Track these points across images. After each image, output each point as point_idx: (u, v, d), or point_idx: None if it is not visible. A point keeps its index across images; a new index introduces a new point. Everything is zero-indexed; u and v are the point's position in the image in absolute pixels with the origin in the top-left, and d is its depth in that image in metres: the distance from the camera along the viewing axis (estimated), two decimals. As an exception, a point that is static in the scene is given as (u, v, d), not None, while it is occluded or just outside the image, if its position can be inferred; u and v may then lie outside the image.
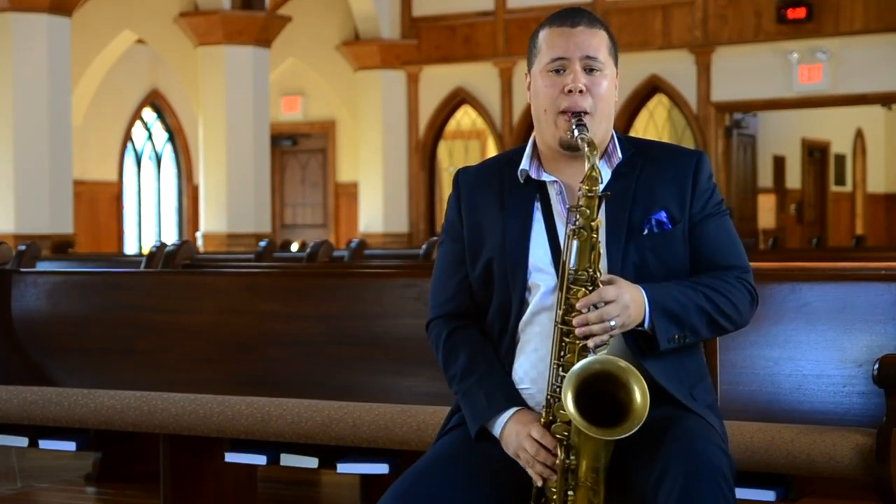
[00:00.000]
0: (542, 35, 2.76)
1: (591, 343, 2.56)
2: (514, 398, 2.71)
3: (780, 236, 15.15)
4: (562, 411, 2.55)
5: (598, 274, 2.59)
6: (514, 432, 2.64)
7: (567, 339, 2.59)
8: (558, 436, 2.58)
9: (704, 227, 2.74)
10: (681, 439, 2.53)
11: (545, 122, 2.73)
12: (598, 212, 2.60)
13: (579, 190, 2.61)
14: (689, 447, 2.51)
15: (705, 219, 2.75)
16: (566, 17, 2.74)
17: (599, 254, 2.60)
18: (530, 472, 2.61)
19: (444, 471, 2.63)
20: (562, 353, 2.60)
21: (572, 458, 2.57)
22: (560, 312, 2.61)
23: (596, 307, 2.55)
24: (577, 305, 2.57)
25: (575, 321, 2.57)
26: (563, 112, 2.69)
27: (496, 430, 2.69)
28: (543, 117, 2.73)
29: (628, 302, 2.57)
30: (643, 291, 2.61)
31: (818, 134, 18.71)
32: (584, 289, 2.58)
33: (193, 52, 13.97)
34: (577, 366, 2.53)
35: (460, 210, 2.83)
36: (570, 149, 2.70)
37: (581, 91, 2.68)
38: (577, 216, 2.60)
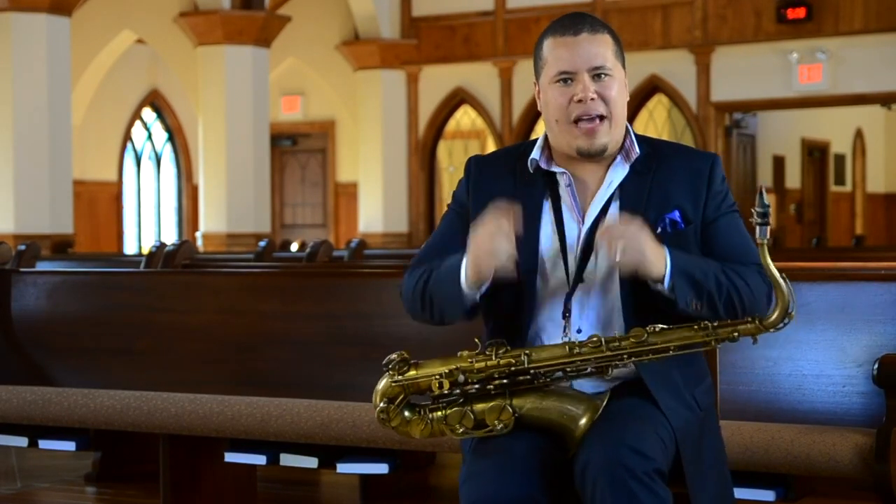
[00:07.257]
0: (546, 46, 2.74)
1: (619, 245, 2.58)
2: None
3: (779, 236, 15.16)
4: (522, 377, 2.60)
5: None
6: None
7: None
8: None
9: (716, 225, 2.77)
10: (613, 428, 2.54)
11: (558, 131, 2.73)
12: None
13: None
14: (617, 438, 2.51)
15: (717, 218, 2.78)
16: (568, 26, 2.71)
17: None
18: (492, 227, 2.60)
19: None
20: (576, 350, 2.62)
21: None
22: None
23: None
24: (598, 234, 2.62)
25: (597, 235, 2.62)
26: (577, 121, 2.69)
27: (462, 273, 2.64)
28: (556, 127, 2.73)
29: (643, 243, 2.58)
30: (666, 250, 2.63)
31: (818, 134, 18.70)
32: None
33: (193, 52, 13.96)
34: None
35: (468, 192, 2.82)
36: (588, 156, 2.71)
37: (592, 99, 2.68)
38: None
